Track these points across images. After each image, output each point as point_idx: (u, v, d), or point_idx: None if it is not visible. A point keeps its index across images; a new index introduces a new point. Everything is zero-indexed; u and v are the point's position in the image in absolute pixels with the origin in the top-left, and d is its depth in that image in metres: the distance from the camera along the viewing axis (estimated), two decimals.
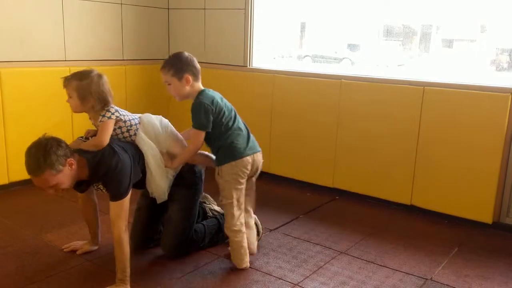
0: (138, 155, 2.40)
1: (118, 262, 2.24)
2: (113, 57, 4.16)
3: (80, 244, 2.68)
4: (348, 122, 3.60)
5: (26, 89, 3.54)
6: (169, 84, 2.48)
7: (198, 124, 2.42)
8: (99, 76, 2.34)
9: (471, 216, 3.20)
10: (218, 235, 2.78)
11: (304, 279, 2.46)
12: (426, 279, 2.51)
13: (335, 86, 3.61)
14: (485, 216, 3.15)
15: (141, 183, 2.44)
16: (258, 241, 2.74)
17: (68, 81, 2.31)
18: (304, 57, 4.68)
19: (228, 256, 2.61)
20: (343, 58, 4.51)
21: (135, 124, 2.44)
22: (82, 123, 3.22)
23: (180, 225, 2.58)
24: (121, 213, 2.23)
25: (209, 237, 2.74)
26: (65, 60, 3.78)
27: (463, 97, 3.14)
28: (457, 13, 3.64)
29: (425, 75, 3.44)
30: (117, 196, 2.22)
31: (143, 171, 2.41)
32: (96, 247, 2.68)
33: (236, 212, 2.48)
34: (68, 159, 2.11)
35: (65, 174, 2.11)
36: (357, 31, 4.34)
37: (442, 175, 3.26)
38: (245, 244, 2.54)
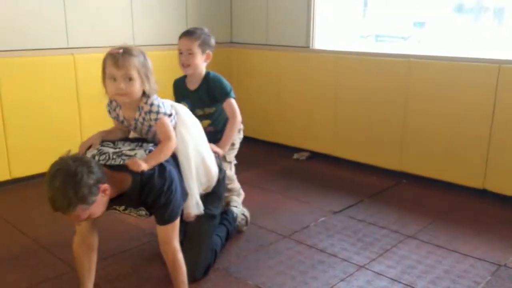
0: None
1: (179, 284, 1.96)
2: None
3: None
4: (417, 103, 3.47)
5: (99, 74, 3.69)
6: (189, 54, 2.38)
7: (231, 92, 2.48)
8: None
9: None
10: (225, 243, 2.55)
11: (370, 261, 2.43)
12: (500, 265, 2.40)
13: (402, 66, 3.49)
14: None
15: None
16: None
17: (123, 57, 1.93)
18: (367, 36, 4.55)
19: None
20: (409, 37, 4.34)
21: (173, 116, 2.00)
22: None
23: (203, 255, 2.25)
24: (174, 233, 1.91)
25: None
26: (134, 45, 3.90)
27: None
28: None
29: (500, 53, 3.25)
30: (170, 220, 1.89)
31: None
32: None
33: None
34: (102, 186, 1.67)
35: (99, 203, 1.70)
36: (424, 8, 4.16)
37: None
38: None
